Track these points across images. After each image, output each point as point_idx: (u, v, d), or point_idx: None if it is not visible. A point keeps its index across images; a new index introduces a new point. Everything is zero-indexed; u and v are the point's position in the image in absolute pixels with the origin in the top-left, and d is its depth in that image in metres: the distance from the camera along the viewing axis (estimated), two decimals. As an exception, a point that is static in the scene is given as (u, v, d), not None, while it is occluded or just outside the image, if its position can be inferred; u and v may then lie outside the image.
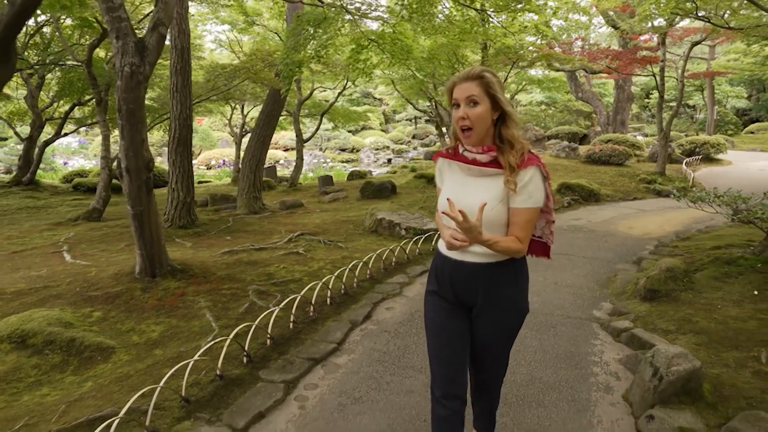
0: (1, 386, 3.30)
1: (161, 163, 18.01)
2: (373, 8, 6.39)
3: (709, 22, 8.12)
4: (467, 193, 1.86)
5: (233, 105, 15.60)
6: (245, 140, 19.23)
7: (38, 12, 10.38)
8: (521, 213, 1.80)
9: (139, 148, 4.35)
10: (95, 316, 4.27)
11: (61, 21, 9.33)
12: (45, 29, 12.03)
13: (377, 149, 29.15)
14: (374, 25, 7.95)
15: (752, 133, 27.17)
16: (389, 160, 26.00)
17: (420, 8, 5.99)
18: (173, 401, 2.98)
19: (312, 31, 7.05)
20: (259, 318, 3.77)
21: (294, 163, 20.90)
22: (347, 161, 26.47)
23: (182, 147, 7.31)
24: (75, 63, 11.67)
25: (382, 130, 35.45)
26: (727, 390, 2.94)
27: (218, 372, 3.26)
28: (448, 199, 1.70)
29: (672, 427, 2.60)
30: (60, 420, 2.86)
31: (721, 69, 22.02)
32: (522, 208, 1.80)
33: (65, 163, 22.06)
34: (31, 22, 12.45)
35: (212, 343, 3.57)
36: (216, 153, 25.42)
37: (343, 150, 29.25)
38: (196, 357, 3.18)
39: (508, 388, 3.21)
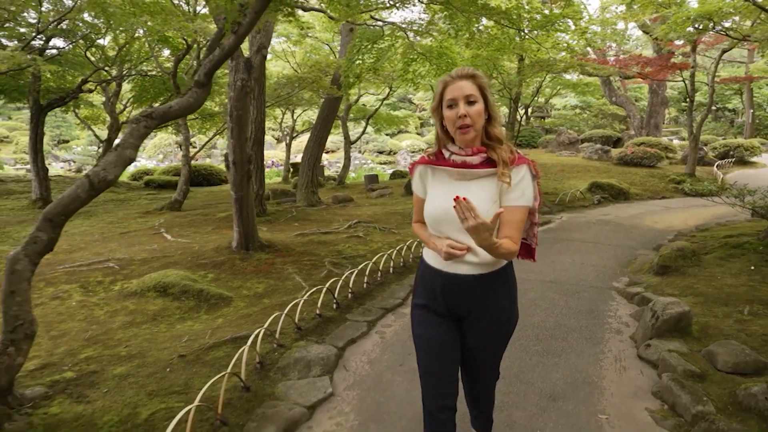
0: (158, 319, 4.46)
1: (221, 163, 19.50)
2: (424, 27, 7.39)
3: (726, 35, 8.78)
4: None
5: (284, 110, 16.90)
6: (294, 142, 20.58)
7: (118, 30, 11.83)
8: (515, 211, 1.75)
9: (244, 145, 5.50)
10: (210, 277, 5.43)
11: (151, 38, 10.67)
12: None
13: (413, 152, 30.14)
14: (418, 38, 8.94)
15: (793, 136, 26.86)
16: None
17: (466, 27, 6.96)
18: (289, 329, 4.05)
19: (370, 47, 8.12)
20: (342, 278, 4.84)
21: (336, 164, 22.09)
22: (385, 163, 27.60)
23: (257, 146, 8.50)
24: (150, 73, 13.14)
25: (418, 134, 36.46)
26: (711, 330, 3.81)
27: (318, 312, 4.34)
28: (456, 198, 1.53)
29: (663, 350, 3.50)
30: (212, 337, 3.98)
31: (759, 73, 22.06)
32: (515, 206, 1.75)
33: (128, 163, 23.89)
34: (104, 41, 14.03)
35: (307, 295, 4.63)
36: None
37: (381, 152, 30.41)
38: (303, 298, 4.26)
39: (539, 330, 4.15)
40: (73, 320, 4.40)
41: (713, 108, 31.52)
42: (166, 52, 13.85)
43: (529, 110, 25.64)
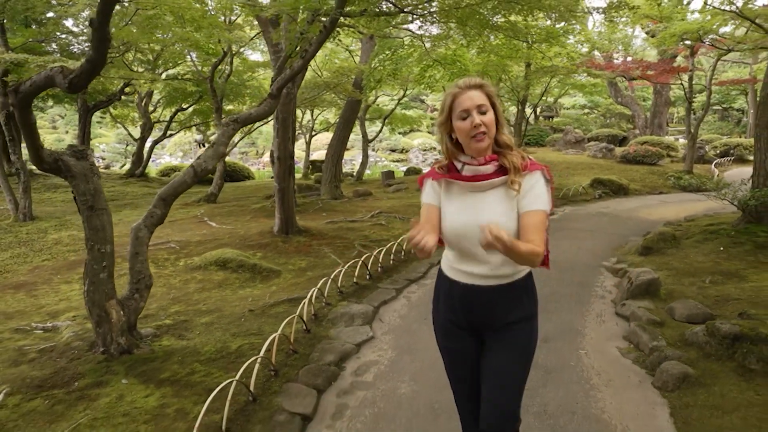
0: (223, 286, 5.43)
1: (239, 160, 20.53)
2: (440, 37, 8.28)
3: (714, 45, 9.57)
4: (480, 209, 1.77)
5: (303, 110, 17.87)
6: (313, 141, 21.57)
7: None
8: (533, 215, 1.72)
9: (287, 143, 6.44)
10: (258, 255, 6.38)
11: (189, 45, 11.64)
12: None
13: (425, 150, 31.01)
14: (434, 44, 9.82)
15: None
16: (437, 160, 27.84)
17: (477, 38, 7.84)
18: (332, 294, 4.98)
19: (390, 54, 9.03)
20: (373, 255, 5.77)
21: (351, 161, 23.07)
22: (398, 160, 28.54)
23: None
24: (185, 77, 14.13)
25: (429, 132, 37.28)
26: (676, 294, 4.69)
27: (355, 281, 5.28)
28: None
29: (635, 307, 4.39)
30: (271, 298, 4.93)
31: (762, 75, 22.58)
32: (533, 210, 1.72)
33: (153, 161, 25.11)
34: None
35: (344, 268, 5.56)
36: (278, 153, 27.98)
37: (394, 150, 31.34)
38: (343, 270, 5.20)
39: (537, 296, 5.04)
40: (155, 287, 5.34)
41: (720, 107, 32.05)
42: (192, 56, 14.86)
43: (538, 110, 26.39)
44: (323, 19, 4.05)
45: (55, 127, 38.93)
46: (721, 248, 5.92)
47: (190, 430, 2.69)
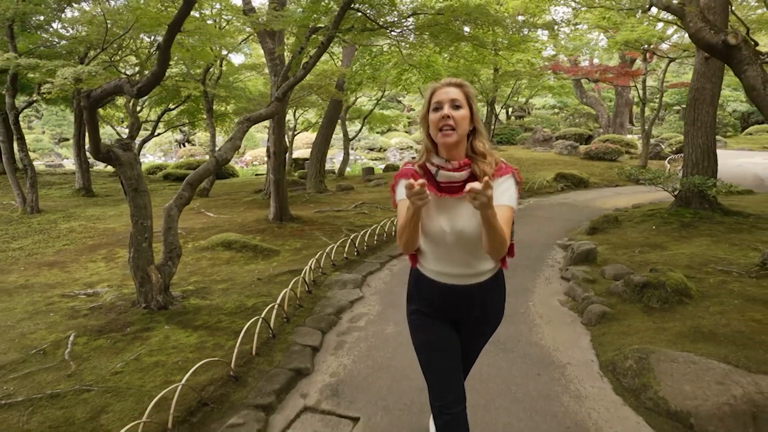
0: (231, 262, 6.26)
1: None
2: (417, 47, 9.24)
3: (654, 53, 10.79)
4: (455, 214, 1.82)
5: (287, 110, 18.66)
6: (295, 140, 22.33)
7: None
8: (499, 209, 1.72)
9: (282, 140, 7.30)
10: (258, 238, 7.23)
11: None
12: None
13: (402, 149, 32.01)
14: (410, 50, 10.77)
15: (750, 134, 29.28)
16: (413, 158, 28.88)
17: (447, 45, 8.82)
18: (327, 266, 5.88)
19: (370, 60, 9.96)
20: (359, 235, 6.68)
21: (331, 159, 23.91)
22: (376, 159, 29.46)
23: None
24: (175, 79, 14.74)
25: (406, 132, 38.34)
26: (610, 261, 5.74)
27: (345, 256, 6.19)
28: (470, 190, 1.48)
29: (576, 270, 5.41)
30: (274, 271, 5.80)
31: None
32: (499, 204, 1.74)
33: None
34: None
35: (336, 245, 6.45)
36: (260, 152, 28.62)
37: (372, 149, 32.26)
38: (335, 247, 6.10)
39: (499, 266, 6.04)
40: (171, 263, 6.17)
41: (680, 107, 33.85)
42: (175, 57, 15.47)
43: (510, 110, 27.62)
44: (319, 36, 4.95)
45: (31, 127, 38.64)
46: (654, 227, 7.02)
47: (228, 355, 3.55)
